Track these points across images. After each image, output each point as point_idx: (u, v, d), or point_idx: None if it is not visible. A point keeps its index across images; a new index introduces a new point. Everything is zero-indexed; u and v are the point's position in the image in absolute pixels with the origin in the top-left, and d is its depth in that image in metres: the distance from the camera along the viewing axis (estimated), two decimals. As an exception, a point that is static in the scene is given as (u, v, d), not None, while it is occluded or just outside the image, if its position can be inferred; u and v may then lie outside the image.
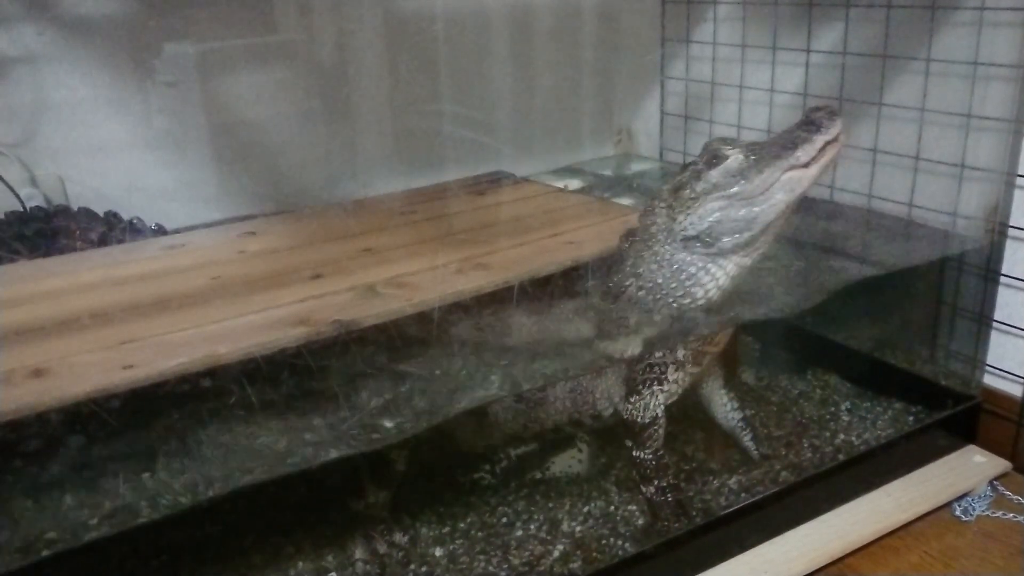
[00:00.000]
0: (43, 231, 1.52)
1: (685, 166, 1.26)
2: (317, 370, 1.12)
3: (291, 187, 1.75)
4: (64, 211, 1.57)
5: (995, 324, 1.58)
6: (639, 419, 1.27)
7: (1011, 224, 1.52)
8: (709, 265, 1.21)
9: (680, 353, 1.28)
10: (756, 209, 1.17)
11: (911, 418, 1.61)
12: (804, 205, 1.86)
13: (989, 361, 1.60)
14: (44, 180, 1.60)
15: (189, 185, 1.69)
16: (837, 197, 1.84)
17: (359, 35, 1.77)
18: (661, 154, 2.31)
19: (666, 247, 1.23)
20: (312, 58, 1.75)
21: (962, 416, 1.57)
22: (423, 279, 1.27)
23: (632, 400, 1.28)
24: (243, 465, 1.01)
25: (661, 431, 1.28)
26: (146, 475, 1.02)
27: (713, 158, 1.20)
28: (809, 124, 1.17)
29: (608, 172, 2.17)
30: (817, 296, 1.42)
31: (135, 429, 1.05)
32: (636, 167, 2.25)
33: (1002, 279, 1.56)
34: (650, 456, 1.28)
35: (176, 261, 1.43)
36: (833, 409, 1.66)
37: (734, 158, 1.19)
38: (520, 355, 1.23)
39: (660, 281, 1.23)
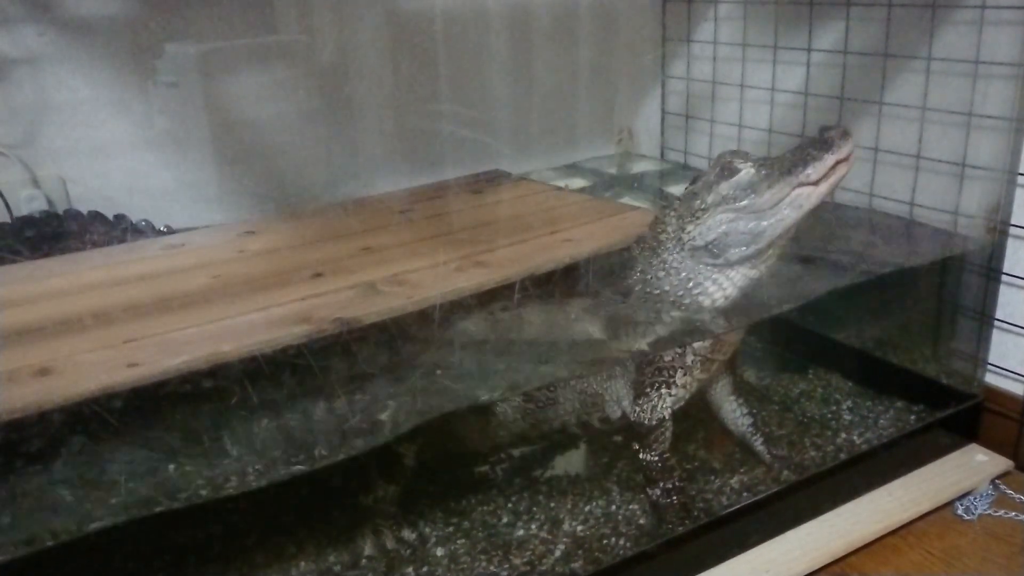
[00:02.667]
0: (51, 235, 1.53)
1: (695, 179, 1.27)
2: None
3: (292, 187, 1.75)
4: (75, 215, 1.57)
5: (997, 323, 1.58)
6: (646, 421, 1.28)
7: (1012, 223, 1.52)
8: (716, 275, 1.23)
9: (689, 359, 1.29)
10: (764, 223, 1.19)
11: (913, 417, 1.60)
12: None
13: (991, 360, 1.60)
14: (46, 181, 1.60)
15: (191, 186, 1.69)
16: (838, 196, 1.84)
17: (360, 35, 1.78)
18: (662, 153, 2.31)
19: (674, 255, 1.24)
20: (312, 58, 1.75)
21: (964, 415, 1.57)
22: (423, 277, 1.27)
23: (640, 403, 1.29)
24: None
25: (668, 434, 1.29)
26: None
27: (725, 170, 1.22)
28: (822, 143, 1.18)
29: (609, 171, 2.17)
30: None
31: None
32: (637, 166, 2.25)
33: (1003, 278, 1.56)
34: (656, 459, 1.29)
35: (176, 261, 1.43)
36: (835, 408, 1.65)
37: (746, 171, 1.20)
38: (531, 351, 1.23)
39: (667, 288, 1.25)
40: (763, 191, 1.19)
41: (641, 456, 1.29)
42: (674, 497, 1.29)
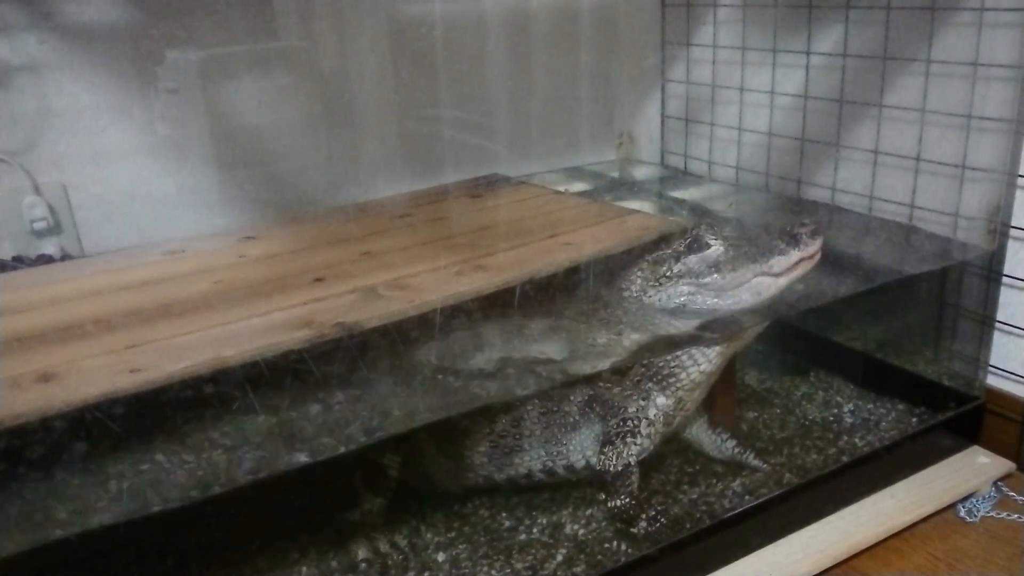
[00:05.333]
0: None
1: (671, 239, 1.31)
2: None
3: (293, 192, 1.75)
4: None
5: (998, 325, 1.58)
6: (611, 468, 1.28)
7: (1013, 225, 1.52)
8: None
9: (652, 412, 1.30)
10: (721, 303, 1.23)
11: (915, 419, 1.60)
12: (807, 206, 1.88)
13: (992, 362, 1.60)
14: (48, 188, 1.61)
15: (192, 191, 1.69)
16: (838, 199, 1.84)
17: (360, 41, 1.78)
18: (662, 157, 2.31)
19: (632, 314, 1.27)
20: (313, 64, 1.76)
21: (966, 417, 1.57)
22: (424, 281, 1.27)
23: (605, 451, 1.29)
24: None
25: (634, 478, 1.28)
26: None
27: (696, 243, 1.25)
28: (791, 237, 1.22)
29: (609, 175, 2.17)
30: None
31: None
32: (637, 170, 2.25)
33: (1004, 280, 1.56)
34: (626, 502, 1.27)
35: (177, 266, 1.43)
36: (836, 411, 1.66)
37: (715, 249, 1.25)
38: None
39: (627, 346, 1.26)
40: (726, 272, 1.22)
41: (610, 504, 1.28)
42: (661, 519, 1.28)
